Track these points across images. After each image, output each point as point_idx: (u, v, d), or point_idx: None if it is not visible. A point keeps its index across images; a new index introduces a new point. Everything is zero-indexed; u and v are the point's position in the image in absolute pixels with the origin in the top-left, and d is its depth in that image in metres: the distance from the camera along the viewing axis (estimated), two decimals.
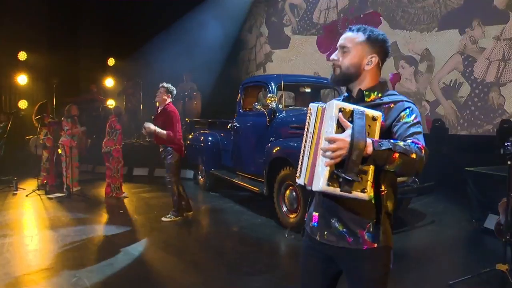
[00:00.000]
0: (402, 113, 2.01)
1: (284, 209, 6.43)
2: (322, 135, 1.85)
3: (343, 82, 2.20)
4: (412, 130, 1.96)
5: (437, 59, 10.06)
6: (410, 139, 1.91)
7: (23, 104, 13.81)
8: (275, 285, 4.46)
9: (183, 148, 6.96)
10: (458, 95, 9.69)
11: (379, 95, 2.13)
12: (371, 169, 1.82)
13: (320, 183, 1.78)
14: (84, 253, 5.33)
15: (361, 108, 1.84)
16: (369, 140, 1.77)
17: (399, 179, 6.06)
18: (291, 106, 7.71)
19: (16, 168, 10.32)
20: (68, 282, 4.46)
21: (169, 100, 6.86)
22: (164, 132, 6.59)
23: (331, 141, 1.77)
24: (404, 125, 1.98)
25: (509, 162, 4.08)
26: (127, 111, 13.70)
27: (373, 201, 2.00)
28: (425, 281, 4.50)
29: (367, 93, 2.13)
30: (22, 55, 13.75)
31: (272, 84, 7.26)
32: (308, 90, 7.95)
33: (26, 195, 8.75)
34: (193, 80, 13.16)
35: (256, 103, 7.08)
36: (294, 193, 6.22)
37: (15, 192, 9.06)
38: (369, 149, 1.76)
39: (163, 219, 6.94)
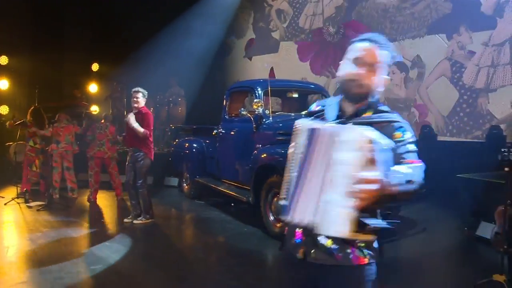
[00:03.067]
0: (396, 133, 1.89)
1: (271, 218, 6.23)
2: (334, 165, 1.58)
3: (358, 101, 2.00)
4: (406, 150, 1.88)
5: (428, 66, 9.94)
6: (406, 160, 1.84)
7: (4, 109, 13.50)
8: None
9: (153, 152, 7.07)
10: (446, 101, 9.57)
11: (371, 112, 1.99)
12: None
13: (343, 228, 1.53)
14: (61, 266, 5.04)
15: (383, 141, 1.65)
16: (390, 183, 1.60)
17: None
18: (278, 112, 7.52)
19: None
20: None
21: (143, 103, 7.00)
22: (141, 129, 6.71)
23: (363, 182, 1.54)
24: (398, 144, 1.86)
25: (506, 169, 3.93)
26: (113, 117, 13.46)
27: None
28: None
29: (363, 110, 1.99)
30: (3, 59, 13.43)
31: (259, 89, 7.08)
32: (295, 95, 7.78)
33: (5, 204, 8.45)
34: (179, 85, 12.97)
35: (242, 109, 6.90)
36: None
37: None
38: (395, 189, 1.61)
39: (134, 221, 6.96)
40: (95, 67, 15.18)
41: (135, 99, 6.93)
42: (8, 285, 4.51)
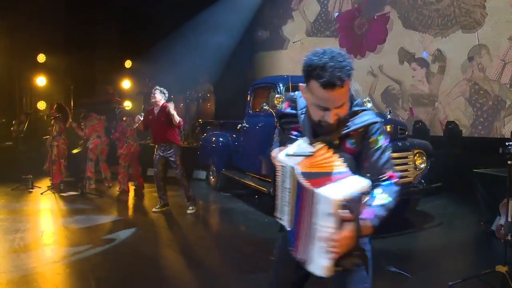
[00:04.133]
0: (372, 138, 1.98)
1: None
2: (314, 219, 1.77)
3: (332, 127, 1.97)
4: (384, 159, 1.97)
5: (449, 60, 10.01)
6: (382, 175, 1.96)
7: (41, 105, 14.13)
8: None
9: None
10: (470, 97, 9.62)
11: (348, 116, 1.99)
12: None
13: (323, 271, 1.77)
14: (91, 248, 5.43)
15: (356, 190, 1.75)
16: (368, 224, 1.80)
17: (404, 180, 6.12)
18: None
19: (34, 167, 10.52)
20: (74, 275, 4.63)
21: (163, 100, 7.40)
22: (178, 119, 7.19)
23: (334, 241, 1.71)
24: (376, 153, 1.97)
25: (509, 162, 4.08)
26: (144, 112, 13.85)
27: None
28: (426, 282, 4.51)
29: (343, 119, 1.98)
30: (41, 57, 14.04)
31: (281, 85, 7.32)
32: None
33: (41, 193, 8.97)
34: (208, 81, 13.27)
35: (264, 104, 7.15)
36: None
37: (30, 190, 9.28)
38: (369, 231, 1.80)
39: (188, 211, 7.37)
40: (128, 63, 15.65)
41: (152, 95, 7.39)
42: (43, 263, 4.94)
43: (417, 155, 6.24)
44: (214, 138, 9.63)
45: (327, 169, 1.83)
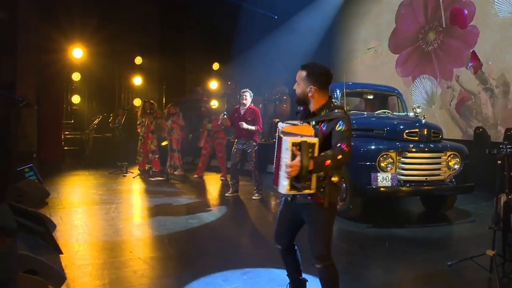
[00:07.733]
0: (336, 125, 3.09)
1: None
2: (281, 157, 2.99)
3: (299, 103, 3.39)
4: (341, 136, 3.05)
5: None
6: (339, 144, 3.02)
7: (137, 102, 15.91)
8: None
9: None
10: None
11: (326, 111, 3.21)
12: (314, 177, 2.98)
13: (284, 189, 2.97)
14: (166, 218, 6.75)
15: (306, 140, 2.91)
16: (311, 161, 2.89)
17: (435, 178, 6.87)
18: (353, 111, 8.55)
19: (128, 155, 12.12)
20: (152, 234, 5.98)
21: (250, 100, 8.58)
22: (253, 128, 8.33)
23: (288, 166, 2.86)
24: (336, 133, 3.08)
25: (499, 162, 4.81)
26: (227, 111, 15.08)
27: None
28: (430, 261, 5.26)
29: (317, 112, 3.25)
30: (138, 60, 15.87)
31: (337, 90, 8.21)
32: (370, 97, 8.83)
33: (133, 177, 10.60)
34: (285, 84, 14.24)
35: None
36: (343, 185, 7.14)
37: (125, 174, 10.92)
38: (311, 166, 2.90)
39: (253, 197, 8.54)
40: (215, 66, 17.06)
41: (244, 97, 8.54)
42: (129, 225, 6.50)
43: (451, 156, 6.95)
44: None
45: (299, 132, 3.06)
